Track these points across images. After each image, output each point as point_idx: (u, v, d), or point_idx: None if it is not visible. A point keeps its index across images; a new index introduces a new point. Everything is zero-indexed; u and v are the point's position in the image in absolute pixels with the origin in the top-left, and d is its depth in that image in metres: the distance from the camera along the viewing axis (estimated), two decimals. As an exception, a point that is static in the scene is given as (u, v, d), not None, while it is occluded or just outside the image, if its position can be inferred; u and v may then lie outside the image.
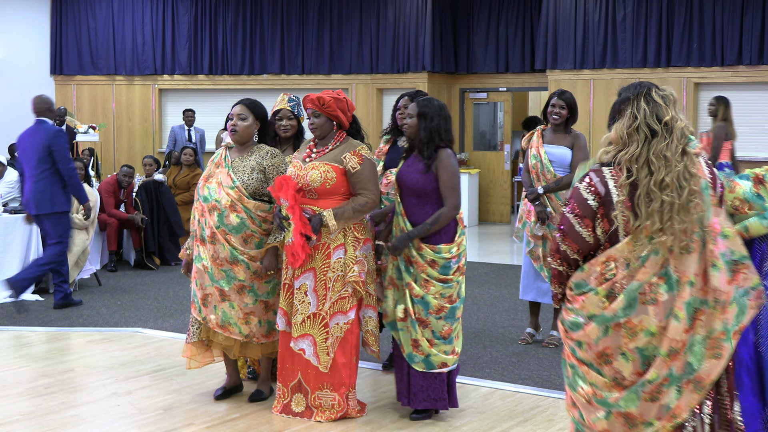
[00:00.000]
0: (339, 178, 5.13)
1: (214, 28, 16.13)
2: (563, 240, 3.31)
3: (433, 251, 5.05)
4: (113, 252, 10.57)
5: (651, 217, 3.16)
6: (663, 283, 3.19)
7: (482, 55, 14.98)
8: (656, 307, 3.18)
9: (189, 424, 5.20)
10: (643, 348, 3.21)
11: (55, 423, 5.21)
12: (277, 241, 5.31)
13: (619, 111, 3.31)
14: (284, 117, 5.83)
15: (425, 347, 5.08)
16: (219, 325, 5.41)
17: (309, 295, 5.15)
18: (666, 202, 3.15)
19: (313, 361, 5.17)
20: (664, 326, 3.18)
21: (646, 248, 3.18)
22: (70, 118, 14.65)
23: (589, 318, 3.25)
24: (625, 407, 3.21)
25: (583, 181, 3.30)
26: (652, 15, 13.25)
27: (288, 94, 5.91)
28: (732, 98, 13.14)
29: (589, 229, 3.27)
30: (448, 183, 5.08)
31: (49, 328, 7.71)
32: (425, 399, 5.17)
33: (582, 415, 3.33)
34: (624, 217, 3.21)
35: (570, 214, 3.29)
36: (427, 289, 5.06)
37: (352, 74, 15.43)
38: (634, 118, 3.23)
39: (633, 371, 3.22)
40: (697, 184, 3.21)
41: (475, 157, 15.61)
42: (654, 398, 3.19)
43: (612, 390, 3.24)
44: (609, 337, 3.22)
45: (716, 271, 3.19)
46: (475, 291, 9.11)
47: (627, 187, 3.21)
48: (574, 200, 3.30)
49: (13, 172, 11.11)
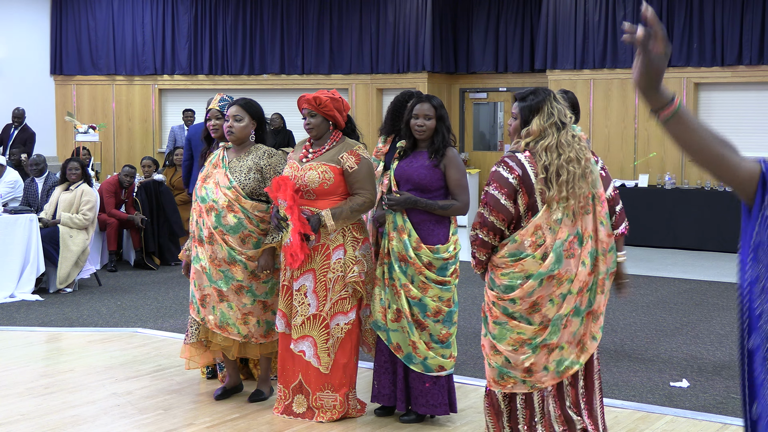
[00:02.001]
0: (337, 178, 5.12)
1: (214, 28, 16.14)
2: (491, 213, 4.05)
3: (431, 251, 5.01)
4: (113, 252, 10.57)
5: (560, 187, 4.04)
6: (576, 240, 4.09)
7: (482, 55, 14.98)
8: (574, 259, 4.09)
9: (189, 424, 5.20)
10: (565, 293, 4.09)
11: (55, 423, 5.21)
12: (274, 241, 5.30)
13: (537, 110, 4.12)
14: (213, 117, 5.84)
15: (423, 350, 5.04)
16: (217, 325, 5.41)
17: (309, 297, 5.15)
18: (570, 172, 4.04)
19: (313, 363, 5.17)
20: (577, 272, 4.09)
21: (560, 212, 4.05)
22: (70, 118, 14.66)
23: (526, 277, 4.07)
24: (549, 339, 4.09)
25: (500, 166, 4.10)
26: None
27: (222, 94, 5.94)
28: (732, 98, 13.20)
29: (510, 201, 4.06)
30: (459, 181, 5.06)
31: (49, 328, 7.72)
32: (425, 405, 5.11)
33: (507, 359, 4.13)
34: (540, 190, 4.06)
35: (495, 191, 4.06)
36: (425, 291, 5.01)
37: (351, 74, 15.43)
38: (550, 115, 4.12)
39: (555, 312, 4.09)
40: (588, 158, 4.14)
41: (475, 157, 15.62)
42: (565, 326, 4.12)
43: (538, 333, 4.10)
44: (542, 288, 4.06)
45: (602, 227, 4.16)
46: (475, 291, 9.12)
47: (541, 168, 4.06)
48: (495, 180, 4.08)
49: (13, 172, 11.13)
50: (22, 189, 10.74)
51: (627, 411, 5.50)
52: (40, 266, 9.06)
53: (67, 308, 8.48)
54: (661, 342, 7.27)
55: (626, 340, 7.31)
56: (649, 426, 5.24)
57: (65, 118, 15.38)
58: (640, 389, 5.99)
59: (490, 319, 4.18)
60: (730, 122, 13.10)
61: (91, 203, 9.44)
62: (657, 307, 8.66)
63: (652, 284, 9.82)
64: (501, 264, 4.12)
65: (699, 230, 12.39)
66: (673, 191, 12.64)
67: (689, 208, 12.45)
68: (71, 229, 9.31)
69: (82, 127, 14.39)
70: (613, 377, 6.22)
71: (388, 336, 5.10)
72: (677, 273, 10.61)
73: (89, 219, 9.40)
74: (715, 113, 13.20)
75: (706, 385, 6.11)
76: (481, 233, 4.11)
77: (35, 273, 9.04)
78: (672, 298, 9.09)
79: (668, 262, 11.39)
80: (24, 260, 9.02)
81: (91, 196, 9.49)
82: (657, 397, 5.84)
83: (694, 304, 8.83)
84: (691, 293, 9.36)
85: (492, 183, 4.10)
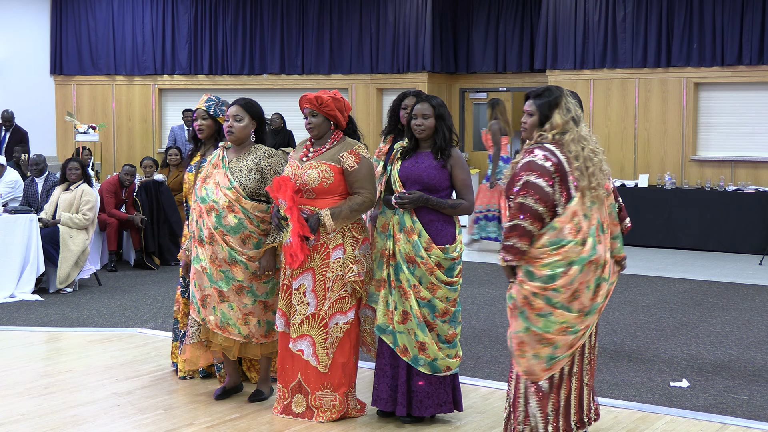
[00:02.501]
0: (337, 177, 5.12)
1: (214, 28, 16.13)
2: (536, 201, 4.20)
3: (442, 251, 5.01)
4: (113, 252, 10.57)
5: (590, 177, 4.30)
6: (599, 228, 4.35)
7: (482, 55, 14.98)
8: (602, 245, 4.35)
9: (189, 424, 5.20)
10: (598, 278, 4.32)
11: (55, 423, 5.21)
12: (275, 241, 5.30)
13: (556, 105, 4.35)
14: (199, 117, 5.86)
15: (433, 351, 5.02)
16: (218, 326, 5.41)
17: (308, 296, 5.15)
18: (595, 164, 4.33)
19: (312, 362, 5.17)
20: (606, 258, 4.36)
21: (589, 200, 4.31)
22: (70, 118, 14.65)
23: (569, 264, 4.23)
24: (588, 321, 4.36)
25: (534, 156, 4.27)
26: (652, 15, 13.24)
27: (209, 95, 5.95)
28: (732, 98, 13.19)
29: (551, 188, 4.25)
30: (465, 181, 5.08)
31: (49, 328, 7.72)
32: (431, 405, 5.09)
33: (556, 345, 4.32)
34: (577, 177, 4.29)
35: (537, 179, 4.22)
36: (434, 292, 5.01)
37: (352, 74, 15.43)
38: (568, 110, 4.36)
39: (589, 298, 4.32)
40: (602, 152, 4.44)
41: (475, 157, 15.61)
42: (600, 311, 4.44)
43: (577, 319, 4.31)
44: (583, 274, 4.25)
45: (609, 216, 4.49)
46: (475, 291, 9.11)
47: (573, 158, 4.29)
48: (535, 170, 4.24)
49: (13, 172, 11.14)
50: (22, 189, 10.74)
51: (627, 411, 5.50)
52: (40, 266, 9.06)
53: (67, 308, 8.48)
54: (661, 342, 7.27)
55: (626, 340, 7.31)
56: (649, 426, 5.24)
57: (65, 118, 15.38)
58: (640, 389, 5.99)
59: (531, 312, 4.32)
60: (730, 122, 13.11)
61: (91, 203, 9.44)
62: (657, 307, 8.66)
63: (652, 284, 9.82)
64: (540, 254, 4.26)
65: (699, 230, 12.39)
66: (673, 191, 12.64)
67: (689, 208, 12.45)
68: (71, 229, 9.31)
69: (82, 127, 14.38)
70: (613, 377, 6.22)
71: (395, 338, 5.06)
72: (677, 273, 10.61)
73: (89, 219, 9.40)
74: (715, 113, 13.20)
75: (706, 385, 6.11)
76: (524, 223, 4.23)
77: (35, 273, 9.04)
78: (672, 298, 9.09)
79: (668, 262, 11.39)
80: (24, 260, 9.02)
81: (91, 196, 9.50)
82: (657, 397, 5.84)
83: (694, 304, 8.83)
84: (691, 293, 9.36)
85: (532, 172, 4.24)
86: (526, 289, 4.31)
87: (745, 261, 11.52)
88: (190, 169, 5.89)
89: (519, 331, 4.38)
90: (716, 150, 13.19)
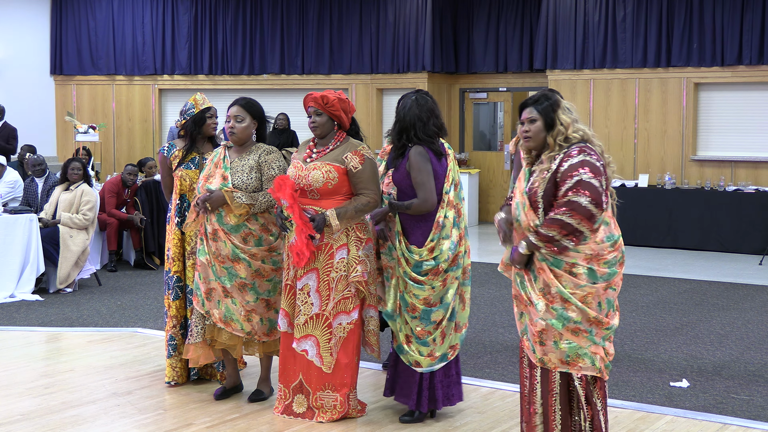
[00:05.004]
0: (341, 178, 5.12)
1: (214, 28, 16.13)
2: (591, 202, 4.08)
3: (407, 248, 5.10)
4: (113, 252, 10.57)
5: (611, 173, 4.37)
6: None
7: (482, 55, 14.98)
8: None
9: (189, 424, 5.20)
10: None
11: (55, 423, 5.21)
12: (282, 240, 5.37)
13: (558, 106, 4.31)
14: (214, 114, 5.90)
15: (402, 341, 5.15)
16: (222, 320, 5.42)
17: (312, 296, 5.15)
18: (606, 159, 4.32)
19: (316, 362, 5.17)
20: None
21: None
22: (70, 118, 14.65)
23: (619, 259, 4.26)
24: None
25: (587, 155, 4.18)
26: (652, 15, 13.24)
27: (200, 94, 5.91)
28: (732, 98, 13.19)
29: (601, 184, 4.18)
30: (416, 179, 5.07)
31: (49, 328, 7.72)
32: (398, 393, 5.26)
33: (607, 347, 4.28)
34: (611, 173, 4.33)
35: (595, 181, 4.12)
36: (405, 285, 5.12)
37: (352, 74, 15.43)
38: (568, 109, 4.35)
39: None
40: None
41: (475, 157, 15.61)
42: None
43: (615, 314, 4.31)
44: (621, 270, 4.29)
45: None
46: (475, 291, 9.12)
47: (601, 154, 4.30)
48: (592, 171, 4.14)
49: (13, 172, 11.13)
50: (22, 189, 10.74)
51: (627, 411, 5.50)
52: (40, 266, 9.06)
53: (67, 308, 8.48)
54: (661, 342, 7.27)
55: (626, 340, 7.31)
56: (649, 426, 5.24)
57: (65, 118, 15.38)
58: (640, 389, 5.99)
59: (601, 306, 4.22)
60: (730, 122, 13.11)
61: (91, 203, 9.44)
62: (657, 307, 8.66)
63: (652, 284, 9.82)
64: (603, 251, 4.21)
65: (699, 230, 12.39)
66: (673, 191, 12.64)
67: (689, 208, 12.45)
68: (71, 229, 9.32)
69: (82, 127, 14.38)
70: (613, 377, 6.22)
71: (395, 324, 5.22)
72: (677, 273, 10.61)
73: (89, 219, 9.40)
74: (715, 113, 13.20)
75: (706, 385, 6.11)
76: (572, 220, 4.09)
77: (35, 273, 9.04)
78: (672, 298, 9.09)
79: (668, 262, 11.39)
80: (24, 260, 9.02)
81: (91, 196, 9.50)
82: (657, 397, 5.84)
83: (694, 304, 8.83)
84: (691, 293, 9.36)
85: (588, 172, 4.14)
86: (592, 290, 4.19)
87: (745, 261, 11.53)
88: (187, 166, 5.86)
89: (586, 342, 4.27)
90: (716, 150, 13.19)
